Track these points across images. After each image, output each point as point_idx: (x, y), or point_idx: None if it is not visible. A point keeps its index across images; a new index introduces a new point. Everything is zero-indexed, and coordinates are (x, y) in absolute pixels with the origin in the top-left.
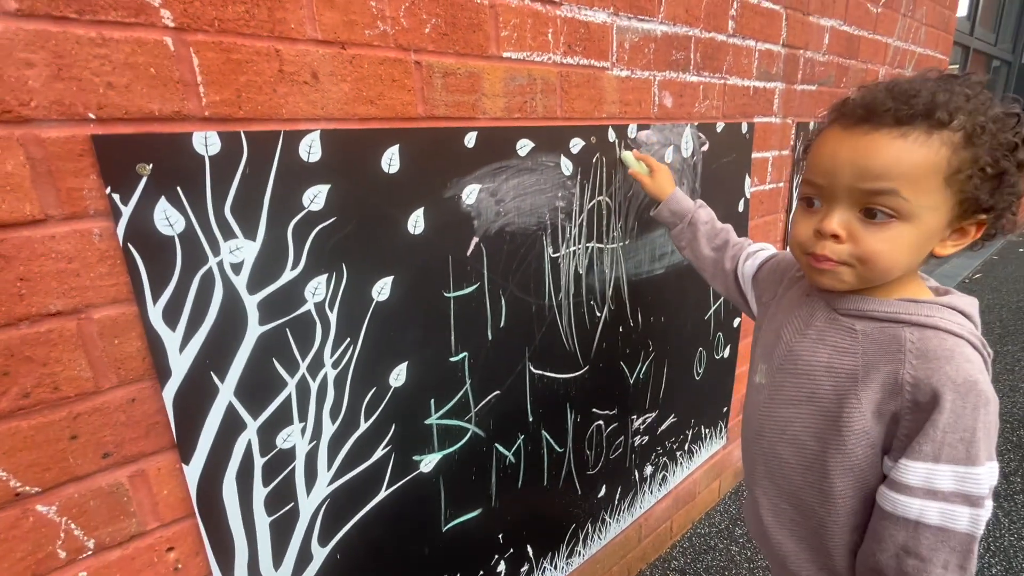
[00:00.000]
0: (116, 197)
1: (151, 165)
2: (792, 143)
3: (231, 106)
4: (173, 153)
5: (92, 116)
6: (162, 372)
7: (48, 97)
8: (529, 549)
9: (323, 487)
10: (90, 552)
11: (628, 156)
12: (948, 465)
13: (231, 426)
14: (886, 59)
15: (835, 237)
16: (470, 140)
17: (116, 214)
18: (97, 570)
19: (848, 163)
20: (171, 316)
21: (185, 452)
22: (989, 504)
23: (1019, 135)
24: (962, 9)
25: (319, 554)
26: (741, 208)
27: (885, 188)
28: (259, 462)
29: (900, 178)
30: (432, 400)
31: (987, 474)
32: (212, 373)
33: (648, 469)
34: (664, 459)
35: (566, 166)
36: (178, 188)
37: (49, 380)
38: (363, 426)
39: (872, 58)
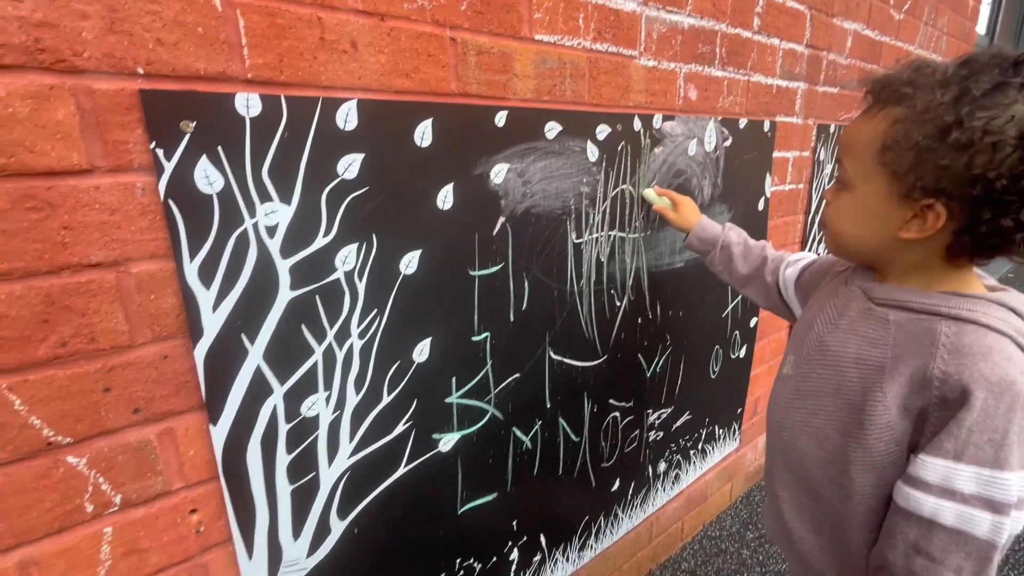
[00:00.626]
0: (160, 152)
1: (194, 123)
2: (813, 145)
3: (273, 70)
4: (216, 113)
5: (141, 71)
6: (195, 330)
7: (101, 49)
8: (542, 538)
9: (344, 459)
10: (116, 508)
11: (650, 193)
12: (971, 466)
13: (258, 390)
14: None
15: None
16: (500, 119)
17: (159, 169)
18: (122, 527)
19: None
20: (206, 275)
21: (213, 413)
22: (1017, 515)
23: (958, 116)
24: (981, 26)
25: (337, 527)
26: (761, 207)
27: (838, 157)
28: (283, 429)
29: (846, 148)
30: (454, 378)
31: (1017, 481)
32: (243, 335)
33: (662, 466)
34: (678, 457)
35: (592, 152)
36: (219, 148)
37: (87, 331)
38: (386, 399)
39: (893, 64)
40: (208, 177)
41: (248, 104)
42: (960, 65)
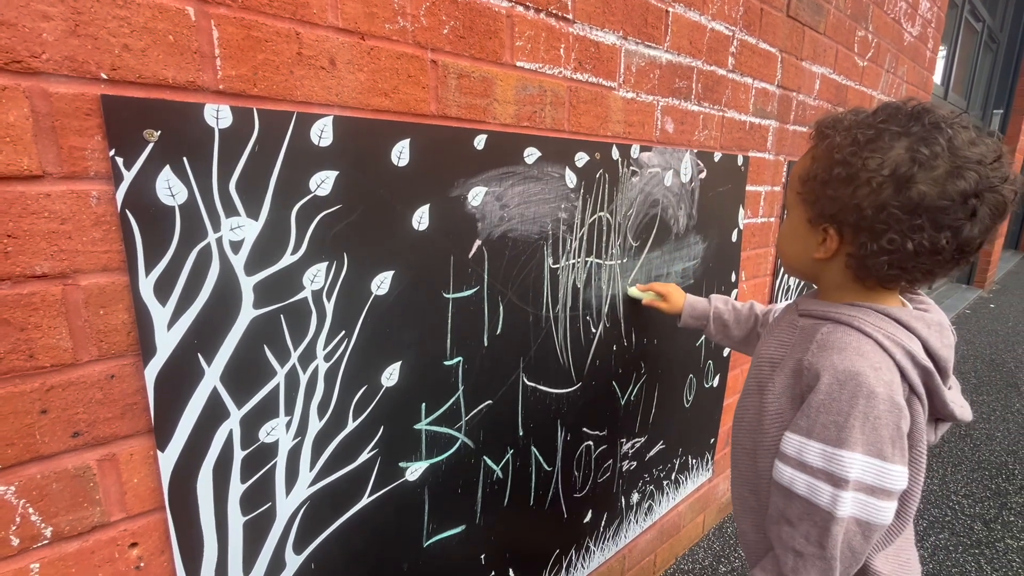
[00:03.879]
0: (119, 161)
1: (159, 132)
2: (784, 180)
3: (246, 82)
4: (183, 122)
5: (104, 76)
6: (147, 349)
7: (61, 52)
8: (511, 573)
9: (303, 488)
10: (46, 541)
11: (634, 291)
12: (818, 443)
13: (213, 413)
14: None
15: None
16: (479, 142)
17: (117, 178)
18: (51, 562)
19: None
20: (163, 290)
21: (161, 438)
22: (858, 495)
23: (844, 156)
24: (937, 76)
25: (293, 562)
26: (735, 238)
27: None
28: (239, 455)
29: (789, 182)
30: (423, 404)
31: (856, 461)
32: (199, 354)
33: (635, 497)
34: (651, 487)
35: (570, 178)
36: (184, 159)
37: (24, 347)
38: (351, 425)
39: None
40: (171, 188)
41: (218, 115)
42: (874, 113)
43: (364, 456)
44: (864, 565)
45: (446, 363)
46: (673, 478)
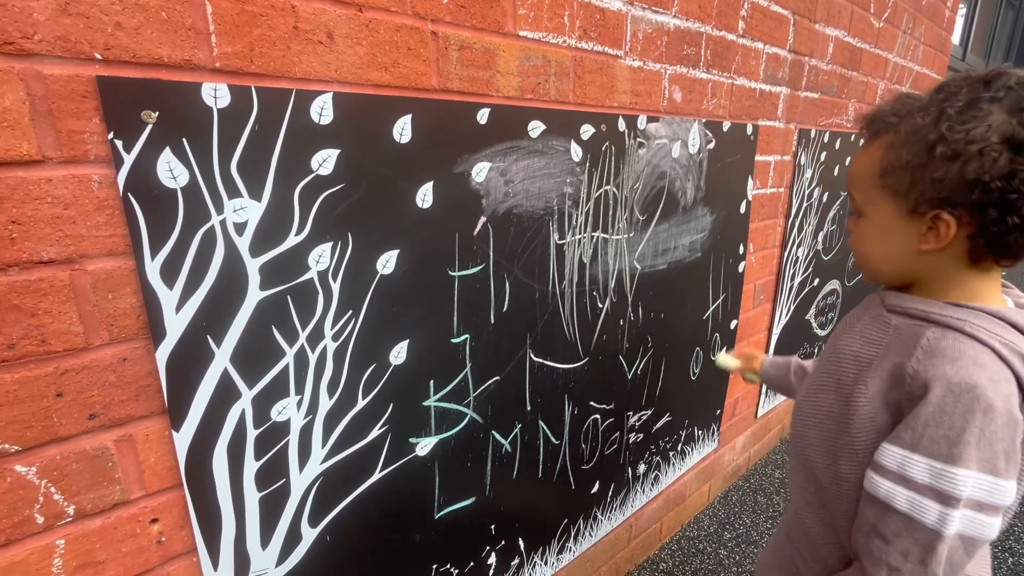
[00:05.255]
0: (119, 143)
1: (157, 113)
2: (794, 149)
3: (243, 59)
4: (181, 102)
5: (98, 56)
6: (156, 332)
7: (53, 32)
8: (521, 542)
9: (316, 464)
10: (69, 519)
11: (726, 360)
12: (925, 457)
13: (225, 394)
14: (885, 73)
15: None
16: (483, 116)
17: (118, 161)
18: (76, 538)
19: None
20: (169, 273)
21: (176, 418)
22: (967, 512)
23: (940, 133)
24: (955, 36)
25: (308, 534)
26: (743, 209)
27: (849, 192)
28: (252, 434)
29: (852, 181)
30: (431, 381)
31: (969, 479)
32: (209, 337)
33: (641, 467)
34: (657, 458)
35: (576, 152)
36: (184, 140)
37: (36, 332)
38: (361, 403)
39: (872, 71)
40: (172, 170)
41: (216, 94)
42: (936, 91)
43: (375, 433)
44: None
45: (453, 340)
46: (679, 449)
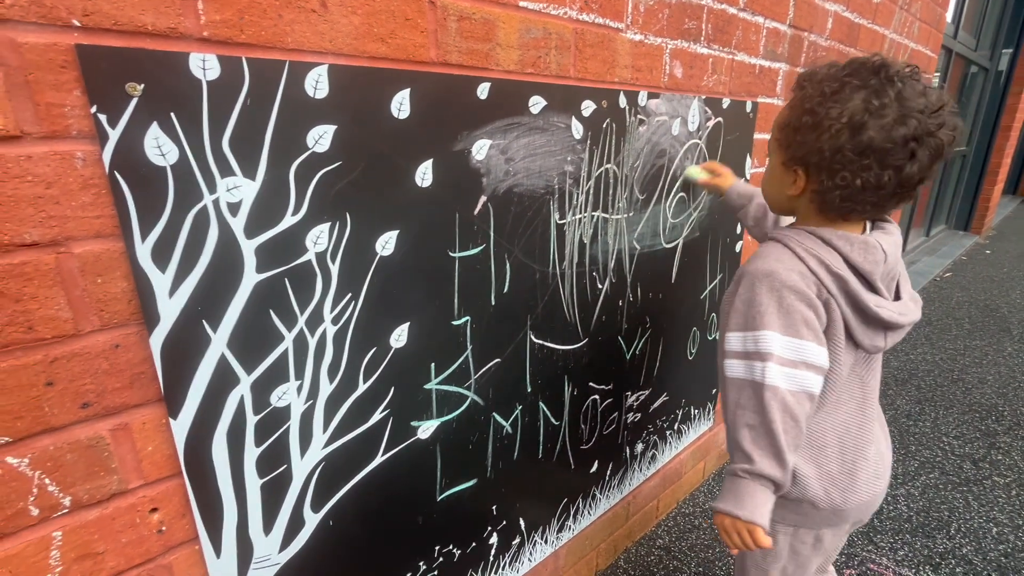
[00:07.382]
0: (103, 118)
1: (143, 85)
2: None
3: (232, 28)
4: (167, 74)
5: (77, 23)
6: (149, 317)
7: None
8: (521, 522)
9: (318, 450)
10: (65, 510)
11: (694, 171)
12: (742, 332)
13: (223, 380)
14: (882, 50)
15: None
16: (483, 91)
17: (102, 137)
18: (73, 530)
19: None
20: (161, 256)
21: (173, 406)
22: (784, 369)
23: (812, 107)
24: (948, 13)
25: (311, 520)
26: None
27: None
28: (251, 420)
29: (771, 130)
30: (432, 364)
31: (775, 340)
32: (204, 322)
33: (639, 447)
34: (655, 437)
35: (577, 129)
36: (172, 114)
37: (22, 318)
38: (362, 387)
39: (870, 47)
40: (160, 147)
41: (204, 65)
42: (842, 67)
43: (376, 417)
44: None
45: (454, 323)
46: (676, 428)
